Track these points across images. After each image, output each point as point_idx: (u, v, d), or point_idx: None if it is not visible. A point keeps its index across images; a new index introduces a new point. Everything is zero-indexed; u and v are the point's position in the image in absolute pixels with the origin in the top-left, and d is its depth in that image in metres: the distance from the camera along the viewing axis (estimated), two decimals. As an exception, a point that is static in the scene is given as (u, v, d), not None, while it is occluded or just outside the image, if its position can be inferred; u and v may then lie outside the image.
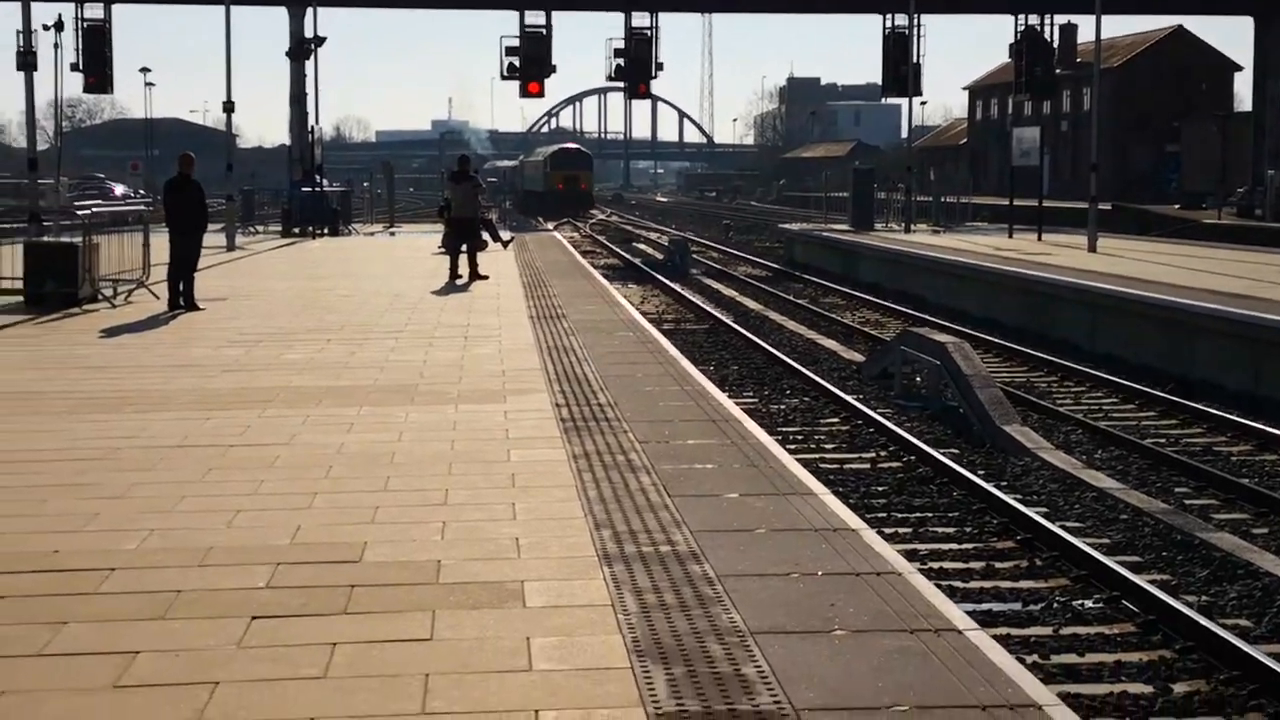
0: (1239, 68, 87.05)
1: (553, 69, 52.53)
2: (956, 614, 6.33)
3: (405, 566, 7.13)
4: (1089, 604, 10.21)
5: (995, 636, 9.20)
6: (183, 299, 20.81)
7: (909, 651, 5.82)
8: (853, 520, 7.99)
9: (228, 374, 14.25)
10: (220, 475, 9.37)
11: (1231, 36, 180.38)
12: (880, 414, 17.52)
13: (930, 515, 12.79)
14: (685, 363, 15.15)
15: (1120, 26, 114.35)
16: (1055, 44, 53.70)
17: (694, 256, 45.89)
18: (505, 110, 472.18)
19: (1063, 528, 12.04)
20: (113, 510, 8.37)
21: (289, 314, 20.46)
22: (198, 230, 21.13)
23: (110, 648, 5.96)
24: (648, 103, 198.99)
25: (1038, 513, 12.55)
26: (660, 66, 53.12)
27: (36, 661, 5.82)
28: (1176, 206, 65.56)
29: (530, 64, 51.75)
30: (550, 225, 65.46)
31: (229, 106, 40.93)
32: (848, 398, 18.56)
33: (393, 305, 21.70)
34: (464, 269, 26.68)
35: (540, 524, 7.96)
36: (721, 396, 12.77)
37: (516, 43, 51.99)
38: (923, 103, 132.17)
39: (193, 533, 7.84)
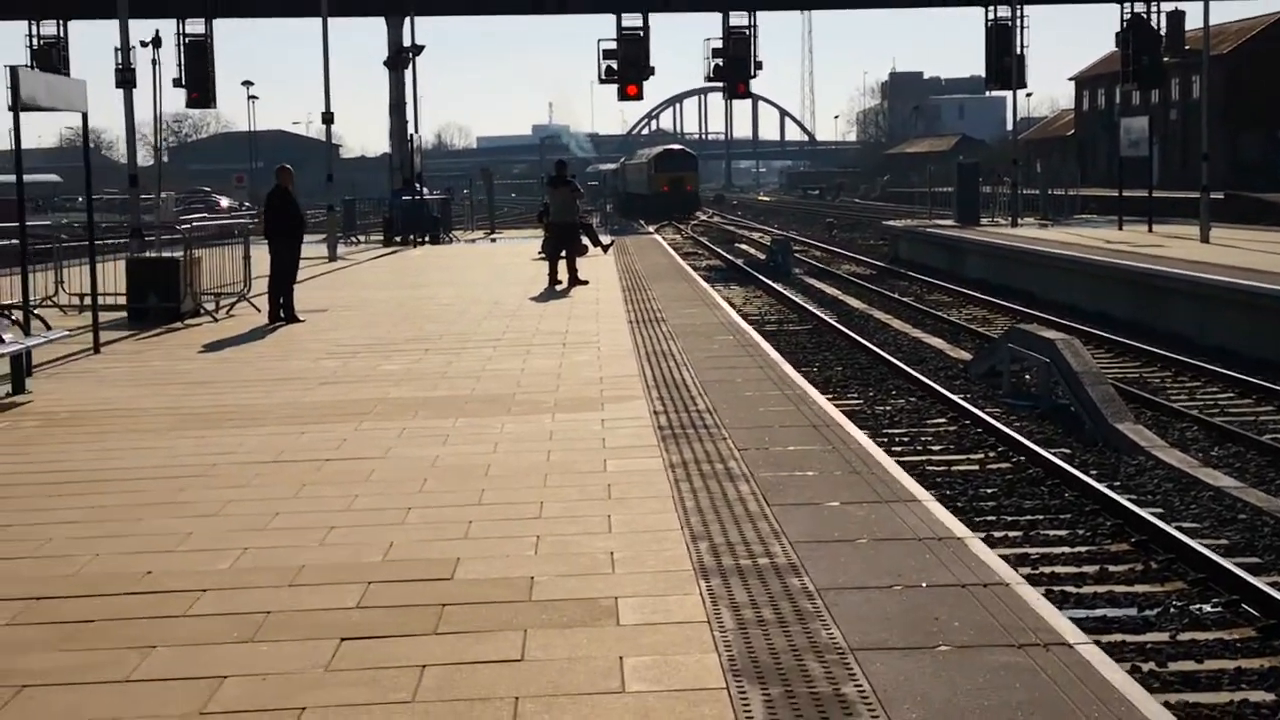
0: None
1: (651, 71, 52.38)
2: (1066, 627, 6.05)
3: (498, 584, 6.98)
4: (1207, 609, 9.88)
5: (1110, 644, 8.97)
6: (283, 311, 20.90)
7: (1017, 668, 5.57)
8: (958, 528, 7.73)
9: (325, 386, 14.24)
10: (314, 491, 9.29)
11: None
12: (988, 413, 17.19)
13: (1041, 518, 12.48)
14: (786, 366, 14.90)
15: (1229, 12, 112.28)
16: (1162, 31, 52.66)
17: (796, 256, 45.55)
18: (605, 113, 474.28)
19: (1179, 529, 11.68)
20: (207, 529, 8.32)
21: (388, 324, 20.47)
22: (295, 242, 21.21)
23: (198, 673, 5.87)
24: (748, 102, 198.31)
25: (1152, 513, 12.20)
26: (759, 65, 52.78)
27: (123, 688, 5.73)
28: (1291, 194, 64.03)
29: (628, 66, 51.64)
30: (651, 228, 65.32)
31: (328, 117, 41.25)
32: (955, 397, 18.23)
33: (491, 313, 21.65)
34: (563, 274, 26.60)
35: (635, 537, 7.78)
36: (823, 400, 12.51)
37: (614, 45, 51.90)
38: (1028, 94, 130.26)
39: (285, 551, 7.76)
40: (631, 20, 52.12)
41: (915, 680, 5.46)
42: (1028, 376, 19.62)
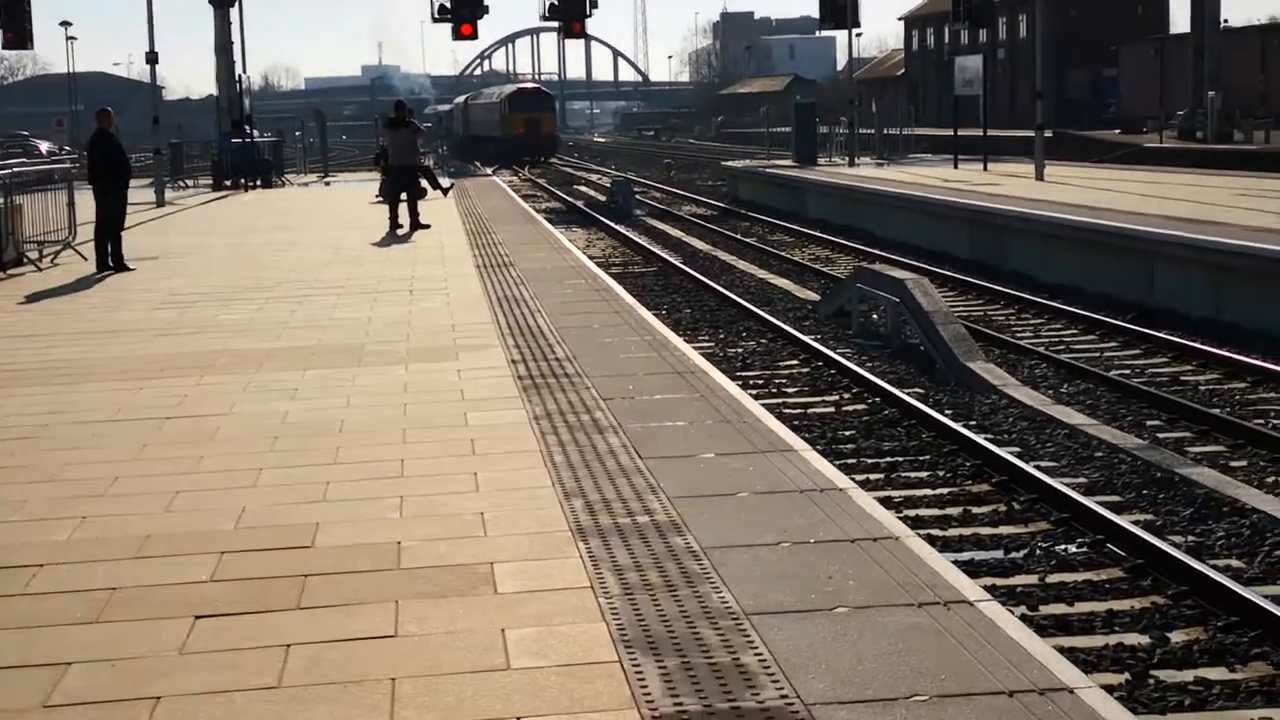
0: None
1: (485, 9, 51.46)
2: (965, 584, 5.84)
3: (363, 550, 6.56)
4: (1073, 549, 9.79)
5: (981, 587, 8.84)
6: (111, 259, 20.07)
7: (920, 630, 5.33)
8: (840, 479, 7.49)
9: (162, 339, 13.60)
10: (156, 452, 8.76)
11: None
12: (840, 354, 17.09)
13: (901, 459, 12.36)
14: (643, 310, 14.62)
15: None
16: (992, -30, 53.08)
17: (636, 197, 45.23)
18: (436, 54, 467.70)
19: (1038, 468, 11.64)
20: (41, 496, 7.77)
21: (224, 272, 19.75)
22: (121, 187, 20.35)
23: (38, 659, 5.39)
24: (581, 42, 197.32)
25: (1011, 453, 12.14)
26: (594, 4, 52.19)
27: (-44, 679, 5.24)
28: (1117, 131, 65.38)
29: (462, 5, 50.68)
30: (489, 170, 64.53)
31: (152, 58, 39.82)
32: (806, 338, 18.12)
33: (332, 259, 21.03)
34: (404, 218, 25.99)
35: (505, 495, 7.42)
36: (685, 347, 12.24)
37: (447, -16, 50.88)
38: (858, 34, 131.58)
39: (128, 519, 7.25)
40: (465, -43, 51.14)
41: (818, 646, 5.19)
42: (875, 316, 19.58)
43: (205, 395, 10.58)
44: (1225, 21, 59.44)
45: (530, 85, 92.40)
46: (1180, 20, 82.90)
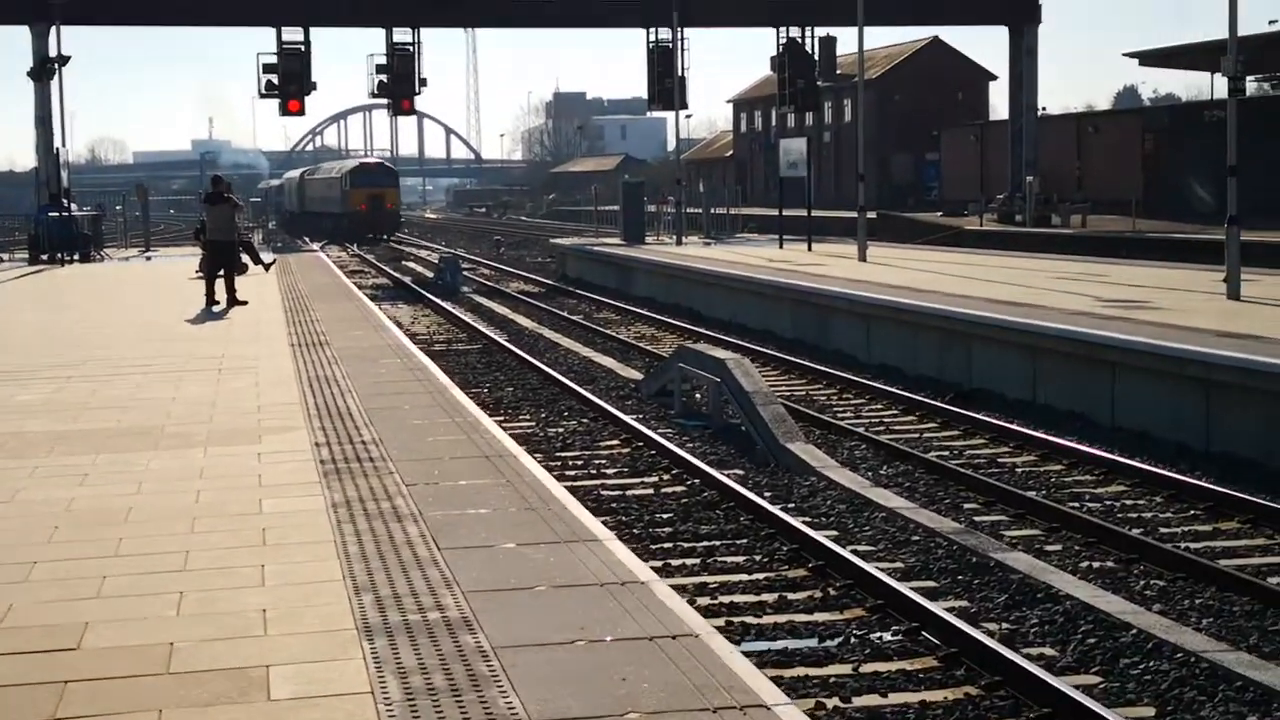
0: (994, 77, 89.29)
1: (313, 86, 51.02)
2: (765, 687, 5.61)
3: (131, 653, 6.14)
4: (888, 637, 9.67)
5: (793, 679, 8.65)
6: (-93, 336, 19.22)
7: (714, 735, 5.08)
8: (642, 570, 7.24)
9: (-52, 421, 12.93)
10: (-77, 544, 8.21)
11: (984, 46, 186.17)
12: (661, 434, 16.95)
13: (719, 544, 12.17)
14: (456, 391, 14.28)
15: (878, 38, 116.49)
16: (816, 56, 54.04)
17: (465, 274, 44.90)
18: (268, 129, 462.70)
19: (854, 552, 11.53)
20: None
21: (27, 349, 19.00)
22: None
23: None
24: (413, 119, 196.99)
25: (827, 536, 12.03)
26: (424, 82, 52.01)
27: None
28: (939, 214, 66.72)
29: (290, 81, 50.17)
30: (316, 246, 63.68)
31: (-35, 129, 38.67)
32: (627, 418, 17.94)
33: (144, 336, 20.38)
34: (221, 295, 25.36)
35: (292, 590, 7.04)
36: (496, 429, 11.92)
37: (275, 60, 50.40)
38: (688, 116, 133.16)
39: (-119, 619, 6.73)
40: (293, 34, 50.70)
41: (605, 756, 4.92)
42: (698, 395, 19.48)
43: (-14, 482, 10.01)
44: (1043, 109, 61.11)
45: (373, 160, 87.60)
46: (1000, 107, 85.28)
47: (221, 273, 25.68)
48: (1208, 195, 53.69)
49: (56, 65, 47.53)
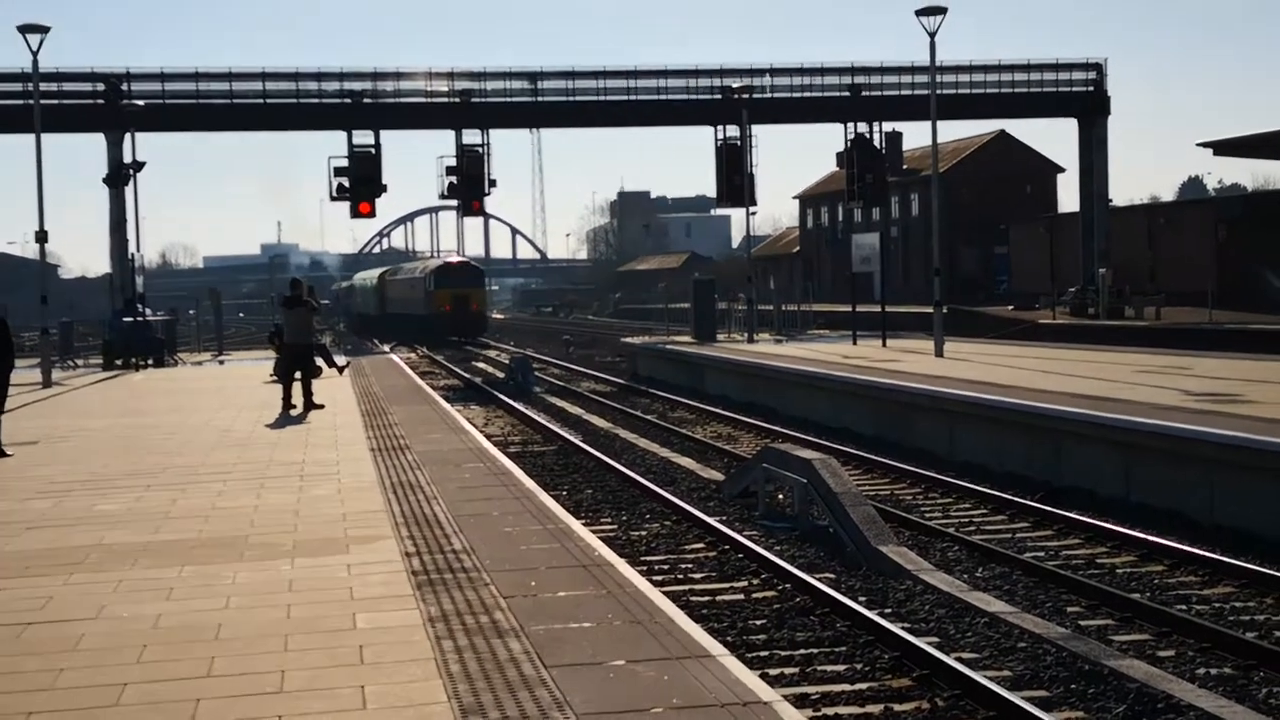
0: (1061, 169, 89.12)
1: (383, 188, 51.53)
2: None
3: (233, 784, 5.85)
4: (1004, 751, 9.24)
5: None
6: (-11, 445, 19.16)
7: None
8: (763, 690, 6.88)
9: (31, 532, 12.74)
10: (10, 665, 7.95)
11: (1051, 139, 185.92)
12: (747, 537, 16.59)
13: (816, 651, 11.77)
14: (544, 496, 13.99)
15: (944, 133, 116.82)
16: (883, 150, 54.05)
17: (535, 374, 44.81)
18: (335, 232, 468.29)
19: (959, 660, 11.10)
20: (-123, 719, 6.96)
21: (105, 457, 18.89)
22: (3, 369, 19.56)
23: None
24: (480, 220, 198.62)
25: (930, 643, 11.61)
26: (493, 183, 52.40)
27: None
28: (1010, 307, 66.32)
29: (360, 184, 50.70)
30: (386, 347, 63.90)
31: (41, 236, 39.09)
32: (711, 520, 17.61)
33: (220, 442, 20.24)
34: (298, 399, 25.29)
35: (396, 714, 6.72)
36: (590, 536, 11.59)
37: (345, 163, 50.93)
38: (753, 212, 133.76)
39: (-29, 748, 6.49)
40: (363, 137, 51.27)
41: None
42: (782, 496, 19.12)
43: (72, 596, 9.78)
44: (1110, 201, 60.80)
45: (457, 260, 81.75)
46: (1066, 200, 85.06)
47: (298, 376, 25.62)
48: (1282, 285, 53.06)
49: (131, 171, 48.18)
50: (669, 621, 8.34)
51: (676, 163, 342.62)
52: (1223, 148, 44.37)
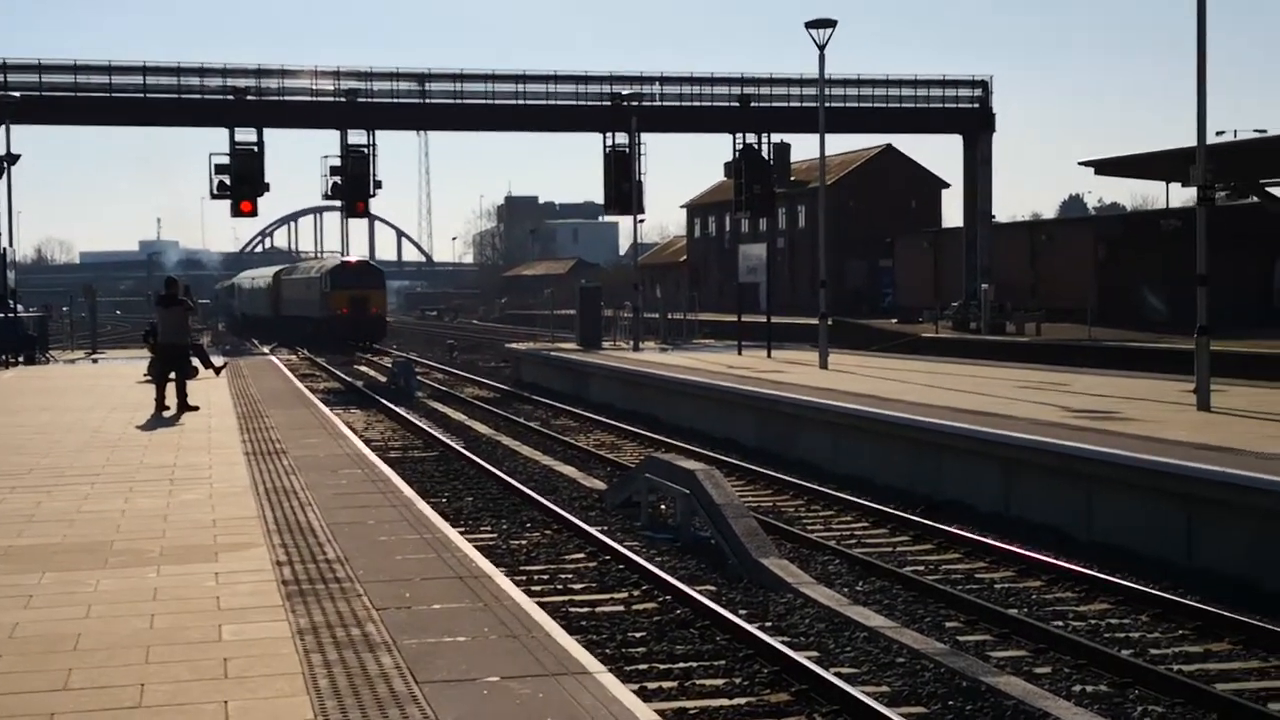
0: (946, 184, 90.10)
1: (266, 187, 50.75)
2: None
3: (83, 807, 5.57)
4: (882, 769, 9.16)
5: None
6: None
7: None
8: (641, 710, 6.71)
9: (-115, 536, 12.27)
10: None
11: (937, 154, 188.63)
12: (628, 547, 16.48)
13: (695, 665, 11.64)
14: (422, 504, 13.72)
15: (831, 146, 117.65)
16: (771, 161, 54.21)
17: (418, 378, 44.36)
18: (216, 230, 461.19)
19: (838, 675, 11.03)
20: None
21: (-30, 456, 18.31)
22: None
23: None
24: (364, 222, 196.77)
25: (809, 658, 11.54)
26: (379, 185, 51.85)
27: None
28: (894, 321, 66.90)
29: (241, 182, 49.89)
30: (266, 349, 62.94)
31: (-89, 228, 38.03)
32: (593, 530, 17.48)
33: (91, 442, 19.71)
34: (172, 400, 24.73)
35: (259, 732, 6.47)
36: (467, 547, 11.35)
37: (227, 160, 50.10)
38: (641, 220, 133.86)
39: None
40: (246, 134, 50.47)
41: None
42: (664, 507, 19.00)
43: (-75, 603, 9.39)
44: (994, 217, 61.55)
45: (356, 259, 75.75)
46: (952, 215, 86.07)
47: (172, 377, 25.05)
48: (1160, 304, 54.02)
49: (5, 164, 47.00)
50: (546, 636, 8.14)
51: (565, 169, 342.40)
52: (1104, 167, 44.89)
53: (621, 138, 51.84)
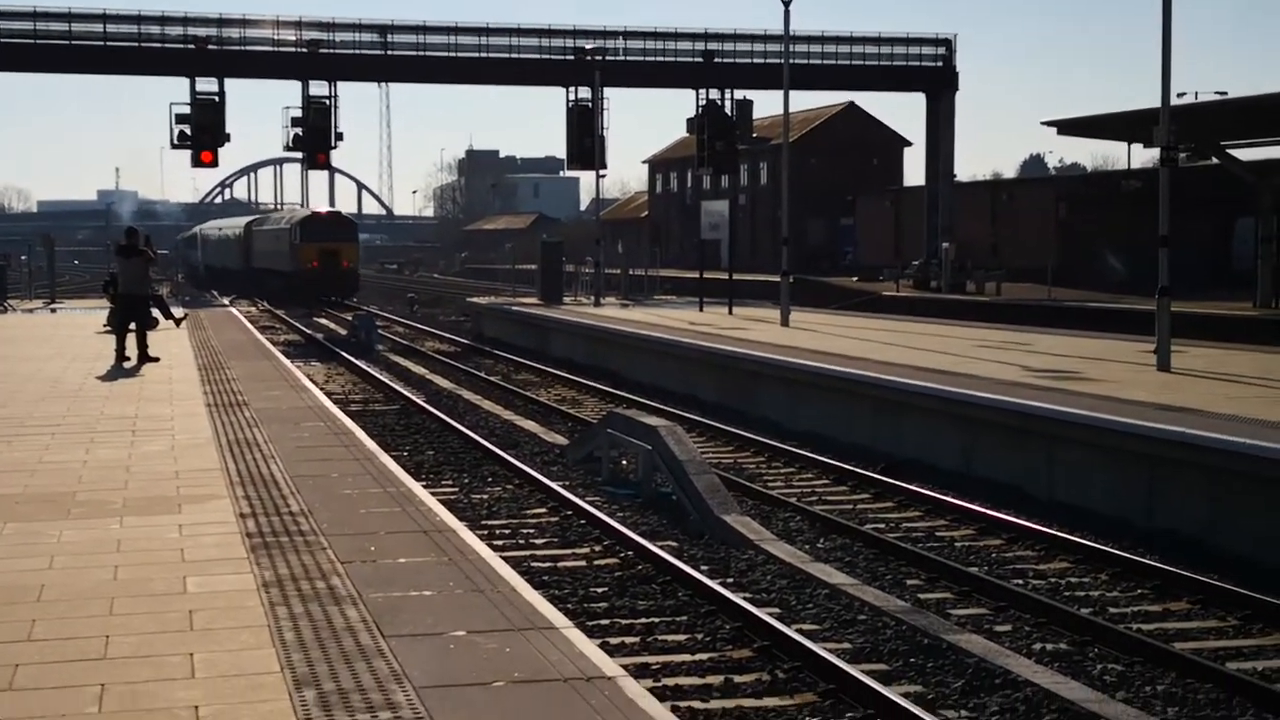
0: (908, 143, 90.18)
1: (226, 138, 50.29)
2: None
3: (50, 757, 5.55)
4: (843, 726, 9.23)
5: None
6: None
7: None
8: (607, 664, 6.73)
9: None
10: None
11: (899, 112, 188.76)
12: (590, 503, 16.47)
13: (657, 620, 11.68)
14: (385, 457, 13.70)
15: (794, 103, 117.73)
16: (734, 118, 54.06)
17: (380, 332, 44.21)
18: (176, 181, 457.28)
19: (800, 631, 11.10)
20: None
21: (-73, 406, 18.16)
22: None
23: None
24: (325, 174, 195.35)
25: (771, 614, 11.59)
26: (340, 136, 51.48)
27: None
28: (855, 279, 66.99)
29: (202, 132, 49.39)
30: (226, 300, 62.58)
31: None
32: (554, 485, 17.47)
33: (51, 393, 19.58)
34: (132, 350, 24.57)
35: (226, 684, 6.45)
36: (432, 501, 11.34)
37: (188, 110, 49.61)
38: (603, 175, 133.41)
39: None
40: (207, 84, 49.99)
41: None
42: (626, 463, 19.03)
43: (-115, 553, 9.33)
44: (955, 177, 61.63)
45: (325, 211, 71.95)
46: (913, 174, 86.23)
47: (132, 327, 24.89)
48: (1119, 265, 54.27)
49: (-38, 111, 46.50)
50: (511, 590, 8.15)
51: (527, 123, 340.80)
52: (1066, 127, 45.07)
53: (585, 92, 51.55)
